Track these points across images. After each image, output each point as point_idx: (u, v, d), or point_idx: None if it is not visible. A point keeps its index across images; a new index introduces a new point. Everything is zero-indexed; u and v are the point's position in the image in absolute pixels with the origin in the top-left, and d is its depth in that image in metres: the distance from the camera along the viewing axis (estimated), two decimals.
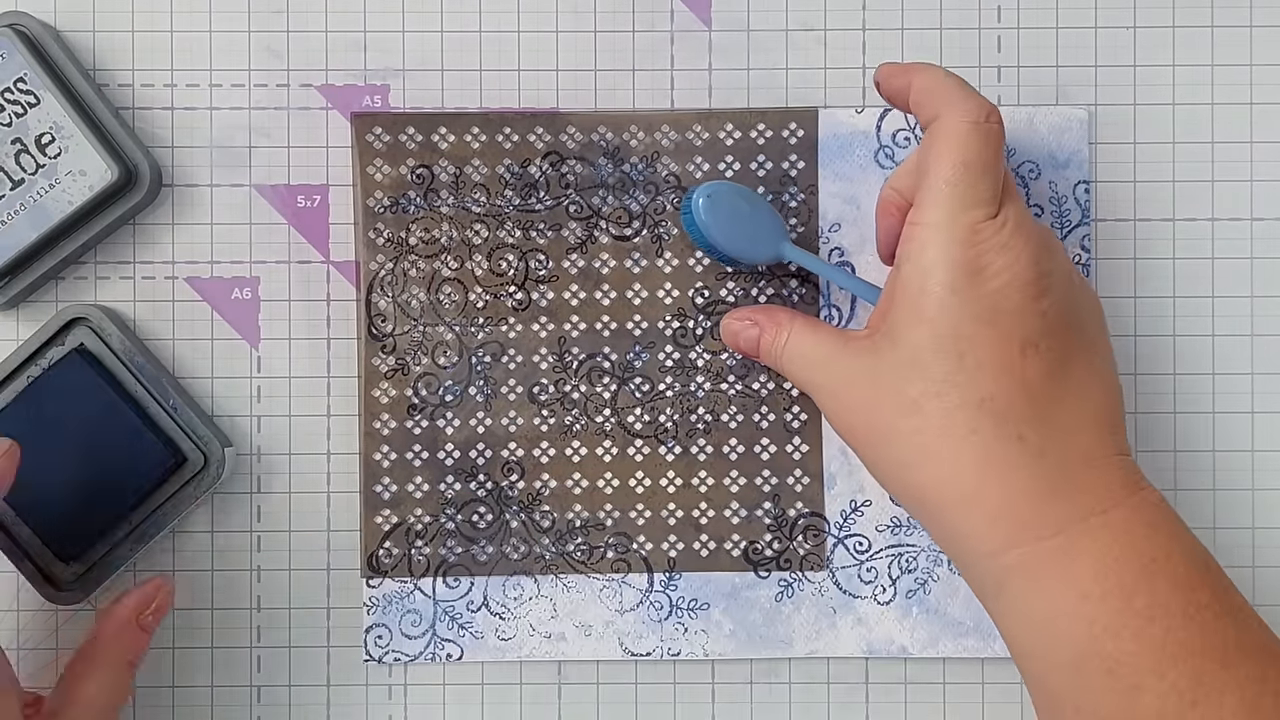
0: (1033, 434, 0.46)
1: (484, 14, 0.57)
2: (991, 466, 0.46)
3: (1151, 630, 0.44)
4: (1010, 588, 0.46)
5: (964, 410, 0.46)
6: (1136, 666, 0.44)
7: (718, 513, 0.56)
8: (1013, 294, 0.47)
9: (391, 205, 0.56)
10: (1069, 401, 0.47)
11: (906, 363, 0.47)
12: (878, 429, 0.48)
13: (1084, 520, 0.46)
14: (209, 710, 0.57)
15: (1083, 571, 0.45)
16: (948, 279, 0.47)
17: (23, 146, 0.54)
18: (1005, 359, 0.47)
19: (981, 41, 0.57)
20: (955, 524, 0.47)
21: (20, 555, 0.55)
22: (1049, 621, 0.46)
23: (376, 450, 0.56)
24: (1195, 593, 0.45)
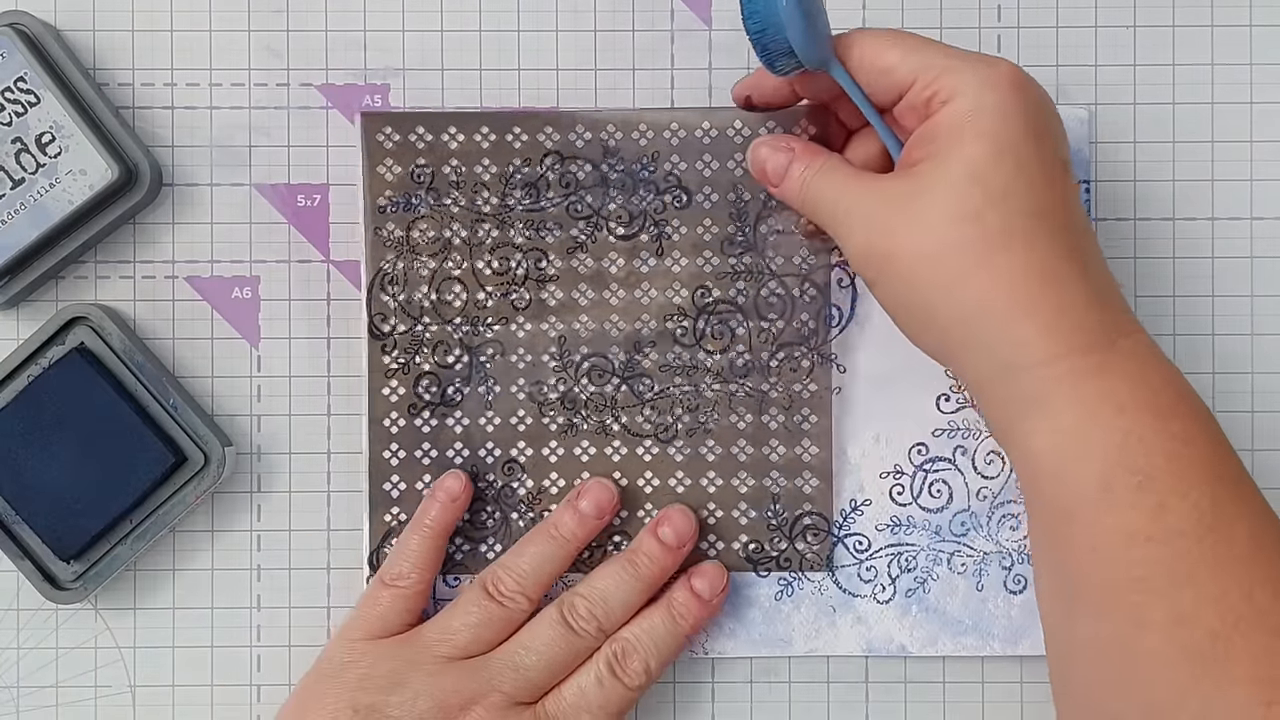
0: (1080, 251, 0.47)
1: (484, 14, 0.57)
2: (1049, 277, 0.46)
3: (1182, 450, 0.45)
4: (1051, 400, 0.46)
5: (1023, 218, 0.46)
6: (1164, 484, 0.44)
7: (725, 513, 0.56)
8: (1049, 117, 0.48)
9: (399, 204, 0.56)
10: (1089, 229, 0.48)
11: (962, 177, 0.47)
12: (924, 248, 0.47)
13: (1123, 338, 0.46)
14: (209, 710, 0.57)
15: (1120, 385, 0.45)
16: (999, 102, 0.47)
17: (23, 146, 0.54)
18: (1053, 175, 0.47)
19: (981, 41, 0.57)
20: (1009, 333, 0.46)
21: (20, 555, 0.55)
22: (1084, 433, 0.46)
23: (385, 448, 0.56)
24: (1211, 425, 0.46)
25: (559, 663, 0.53)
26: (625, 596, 0.54)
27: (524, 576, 0.54)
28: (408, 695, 0.52)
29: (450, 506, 0.55)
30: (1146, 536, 0.44)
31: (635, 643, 0.54)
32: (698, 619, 0.55)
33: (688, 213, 0.56)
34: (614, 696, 0.53)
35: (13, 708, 0.56)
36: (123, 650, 0.57)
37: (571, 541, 0.55)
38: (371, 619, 0.54)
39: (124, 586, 0.57)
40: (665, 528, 0.55)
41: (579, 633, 0.53)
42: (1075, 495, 0.46)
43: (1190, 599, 0.44)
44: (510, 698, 0.52)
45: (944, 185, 0.47)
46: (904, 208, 0.47)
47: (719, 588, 0.55)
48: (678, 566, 0.56)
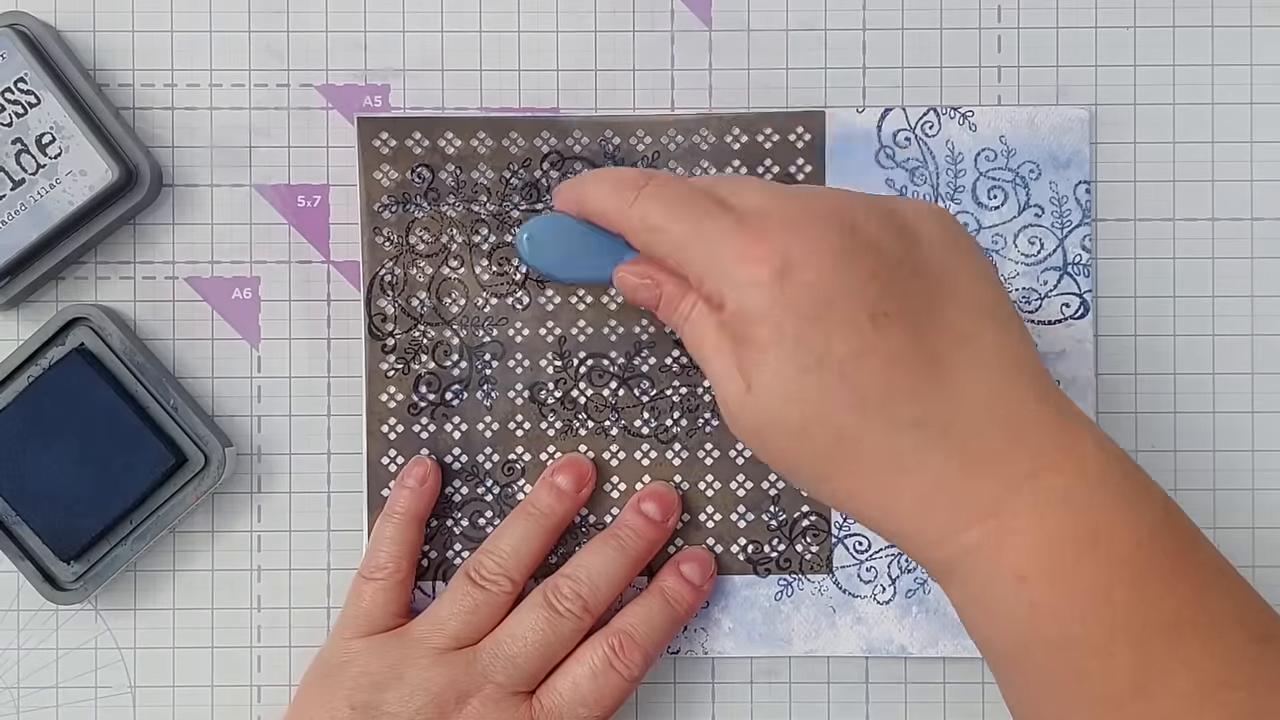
0: (928, 413, 0.42)
1: (484, 14, 0.57)
2: (897, 465, 0.43)
3: (1096, 612, 0.41)
4: (951, 579, 0.44)
5: (848, 416, 0.43)
6: (1079, 649, 0.42)
7: (724, 516, 0.56)
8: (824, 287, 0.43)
9: (396, 208, 0.56)
10: (957, 359, 0.43)
11: (775, 391, 0.44)
12: (783, 461, 0.45)
13: (1014, 493, 0.42)
14: (209, 710, 0.57)
15: (1018, 552, 0.42)
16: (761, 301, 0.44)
17: (23, 146, 0.54)
18: (861, 341, 0.43)
19: (981, 41, 0.57)
20: (884, 529, 0.44)
21: (20, 555, 0.55)
22: (988, 608, 0.43)
23: (383, 454, 0.56)
24: (1140, 561, 0.42)
25: (548, 648, 0.53)
26: (610, 572, 0.54)
27: (505, 558, 0.54)
28: (404, 691, 0.52)
29: (420, 491, 0.55)
30: (1073, 703, 0.42)
31: (634, 632, 0.53)
32: (690, 605, 0.55)
33: None
34: (610, 688, 0.53)
35: (13, 708, 0.56)
36: (123, 651, 0.57)
37: (550, 517, 0.55)
38: (359, 616, 0.54)
39: (124, 587, 0.57)
40: (648, 502, 0.55)
41: (564, 614, 0.53)
42: (995, 656, 0.44)
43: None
44: (505, 688, 0.52)
45: (761, 389, 0.44)
46: (753, 401, 0.44)
47: (708, 573, 0.55)
48: (664, 541, 0.56)
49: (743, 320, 0.44)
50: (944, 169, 0.56)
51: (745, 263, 0.44)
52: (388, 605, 0.54)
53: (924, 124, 0.56)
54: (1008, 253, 0.56)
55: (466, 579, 0.54)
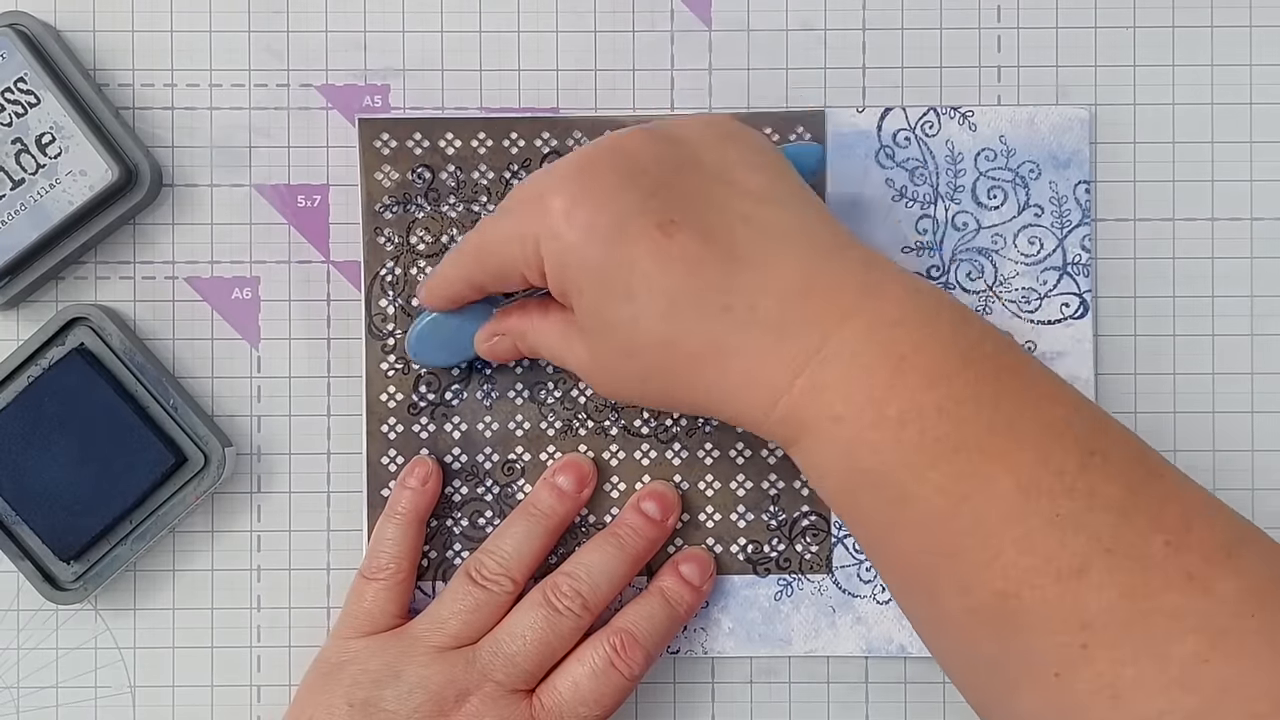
0: (734, 298, 0.45)
1: (484, 14, 0.57)
2: (719, 351, 0.45)
3: (905, 434, 0.43)
4: (790, 444, 0.46)
5: (664, 323, 0.45)
6: (898, 475, 0.43)
7: (724, 516, 0.56)
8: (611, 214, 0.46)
9: (396, 208, 0.56)
10: (750, 244, 0.46)
11: (603, 329, 0.47)
12: (634, 386, 0.48)
13: (823, 344, 0.44)
14: (209, 710, 0.57)
15: (834, 395, 0.44)
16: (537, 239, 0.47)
17: (23, 146, 0.54)
18: (656, 251, 0.45)
19: (981, 41, 0.57)
20: (730, 416, 0.47)
21: (20, 555, 0.55)
22: (819, 461, 0.45)
23: (383, 455, 0.56)
24: (951, 383, 0.43)
25: (548, 646, 0.53)
26: (610, 570, 0.54)
27: (506, 558, 0.54)
28: (403, 689, 0.52)
29: (421, 491, 0.55)
30: (903, 527, 0.44)
31: (635, 631, 0.53)
32: (690, 605, 0.55)
33: None
34: (610, 688, 0.53)
35: (13, 708, 0.57)
36: (123, 651, 0.57)
37: (551, 517, 0.55)
38: (359, 615, 0.54)
39: (124, 587, 0.57)
40: (648, 501, 0.55)
41: (563, 612, 0.53)
42: (837, 509, 0.46)
43: (965, 568, 0.43)
44: (504, 686, 0.52)
45: (585, 333, 0.48)
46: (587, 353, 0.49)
47: (707, 573, 0.56)
48: (664, 541, 0.56)
49: (561, 280, 0.47)
50: (944, 169, 0.56)
51: (543, 215, 0.47)
52: (388, 605, 0.54)
53: (924, 124, 0.56)
54: (1007, 252, 0.56)
55: (467, 578, 0.54)
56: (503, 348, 0.53)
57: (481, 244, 0.50)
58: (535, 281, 0.49)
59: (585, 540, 0.56)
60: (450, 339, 0.54)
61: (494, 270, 0.50)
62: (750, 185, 0.47)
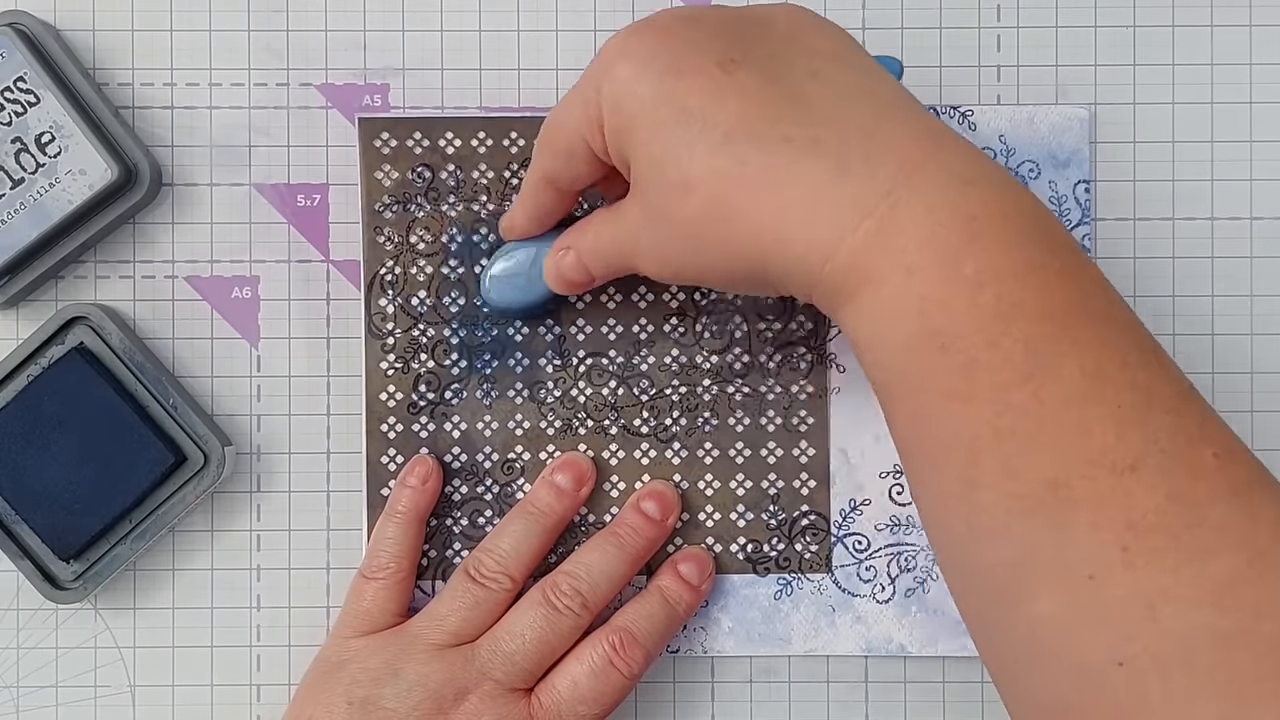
0: (795, 128, 0.43)
1: (484, 14, 0.57)
2: (777, 180, 0.43)
3: (982, 297, 0.41)
4: (847, 288, 0.43)
5: (720, 153, 0.44)
6: (969, 339, 0.41)
7: (724, 516, 0.56)
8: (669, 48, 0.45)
9: (396, 207, 0.56)
10: (812, 90, 0.44)
11: (657, 168, 0.45)
12: (691, 243, 0.46)
13: (890, 194, 0.42)
14: (209, 709, 0.57)
15: (906, 244, 0.42)
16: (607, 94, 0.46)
17: (23, 146, 0.54)
18: (713, 86, 0.44)
19: (981, 41, 0.57)
20: (788, 264, 0.44)
21: (20, 555, 0.55)
22: (880, 310, 0.43)
23: (383, 454, 0.56)
24: (1025, 250, 0.42)
25: (547, 645, 0.53)
26: (610, 570, 0.54)
27: (504, 556, 0.54)
28: (402, 687, 0.52)
29: (422, 490, 0.55)
30: (962, 397, 0.42)
31: (635, 630, 0.53)
32: (689, 604, 0.55)
33: None
34: (609, 686, 0.53)
35: (13, 708, 0.57)
36: (123, 650, 0.57)
37: (550, 516, 0.55)
38: (359, 615, 0.54)
39: (124, 586, 0.57)
40: (648, 501, 0.55)
41: (563, 611, 0.53)
42: (890, 372, 0.44)
43: (1016, 450, 0.41)
44: (503, 685, 0.52)
45: (655, 190, 0.46)
46: (653, 225, 0.47)
47: (706, 572, 0.56)
48: (664, 540, 0.56)
49: (617, 126, 0.46)
50: None
51: (602, 67, 0.46)
52: (388, 604, 0.54)
53: None
54: None
55: (466, 576, 0.54)
56: (569, 261, 0.52)
57: (549, 122, 0.49)
58: (597, 146, 0.47)
59: (585, 539, 0.56)
60: (522, 274, 0.54)
61: (562, 146, 0.49)
62: (819, 46, 0.46)
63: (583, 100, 0.47)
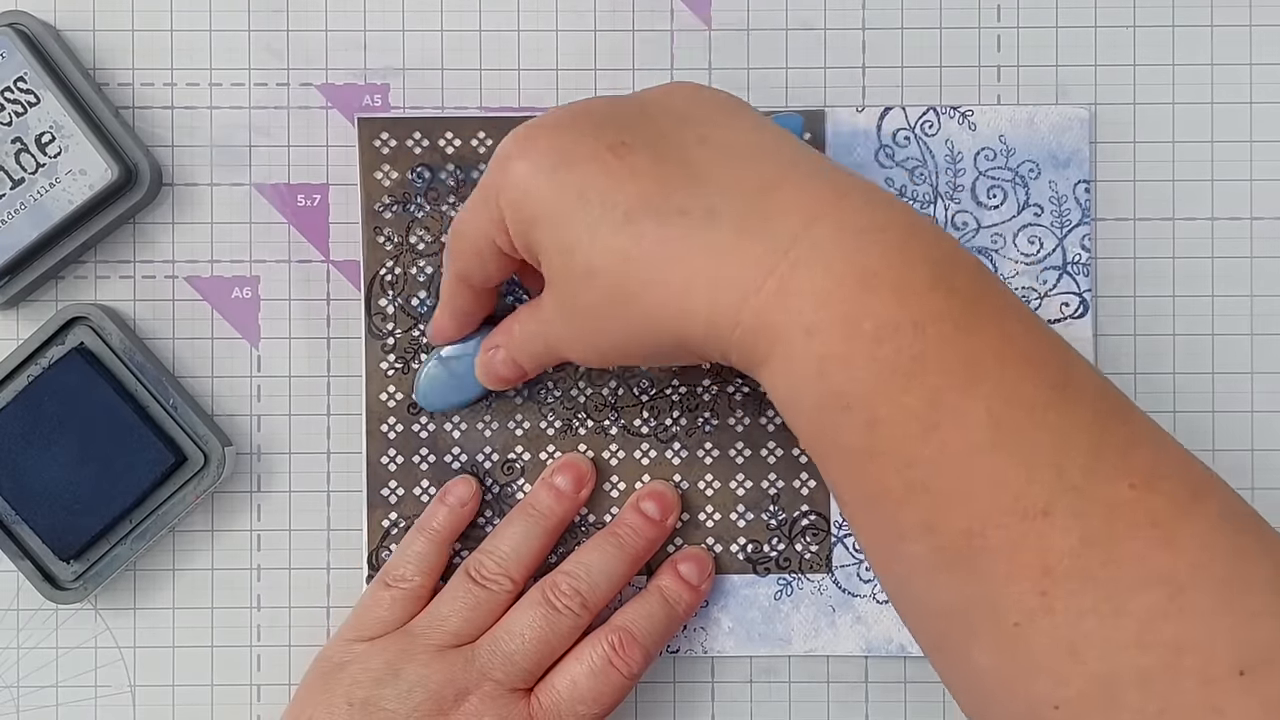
0: (690, 199, 0.43)
1: (484, 14, 0.57)
2: (679, 255, 0.43)
3: (881, 352, 0.41)
4: (757, 361, 0.43)
5: (620, 233, 0.44)
6: (871, 397, 0.41)
7: (724, 516, 0.56)
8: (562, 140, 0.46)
9: (396, 207, 0.56)
10: (705, 158, 0.44)
11: (563, 257, 0.45)
12: (605, 325, 0.46)
13: (789, 249, 0.42)
14: (209, 710, 0.57)
15: (804, 303, 0.41)
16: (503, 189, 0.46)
17: (23, 146, 0.54)
18: (607, 170, 0.44)
19: (981, 41, 0.57)
20: (700, 329, 0.44)
21: (20, 555, 0.55)
22: (790, 370, 0.42)
23: (383, 454, 0.56)
24: (926, 300, 0.41)
25: (547, 645, 0.52)
26: (609, 569, 0.54)
27: (505, 558, 0.54)
28: (403, 688, 0.52)
29: (459, 512, 0.55)
30: (870, 454, 0.41)
31: (634, 630, 0.53)
32: (689, 604, 0.55)
33: None
34: (609, 686, 0.53)
35: (13, 708, 0.57)
36: (123, 650, 0.57)
37: (550, 518, 0.55)
38: (369, 620, 0.54)
39: (124, 586, 0.57)
40: (648, 501, 0.55)
41: (562, 611, 0.53)
42: (805, 432, 0.44)
43: (930, 503, 0.41)
44: (503, 685, 0.52)
45: (562, 279, 0.46)
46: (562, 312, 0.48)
47: (705, 572, 0.56)
48: (663, 540, 0.56)
49: (520, 224, 0.46)
50: (943, 168, 0.56)
51: (499, 169, 0.46)
52: (399, 614, 0.54)
53: (923, 123, 0.56)
54: (1007, 252, 0.56)
55: (467, 577, 0.54)
56: (499, 360, 0.53)
57: (455, 227, 0.50)
58: (504, 245, 0.48)
59: (585, 539, 0.56)
60: (454, 377, 0.55)
61: (469, 248, 0.49)
62: (707, 115, 0.46)
63: (484, 203, 0.47)
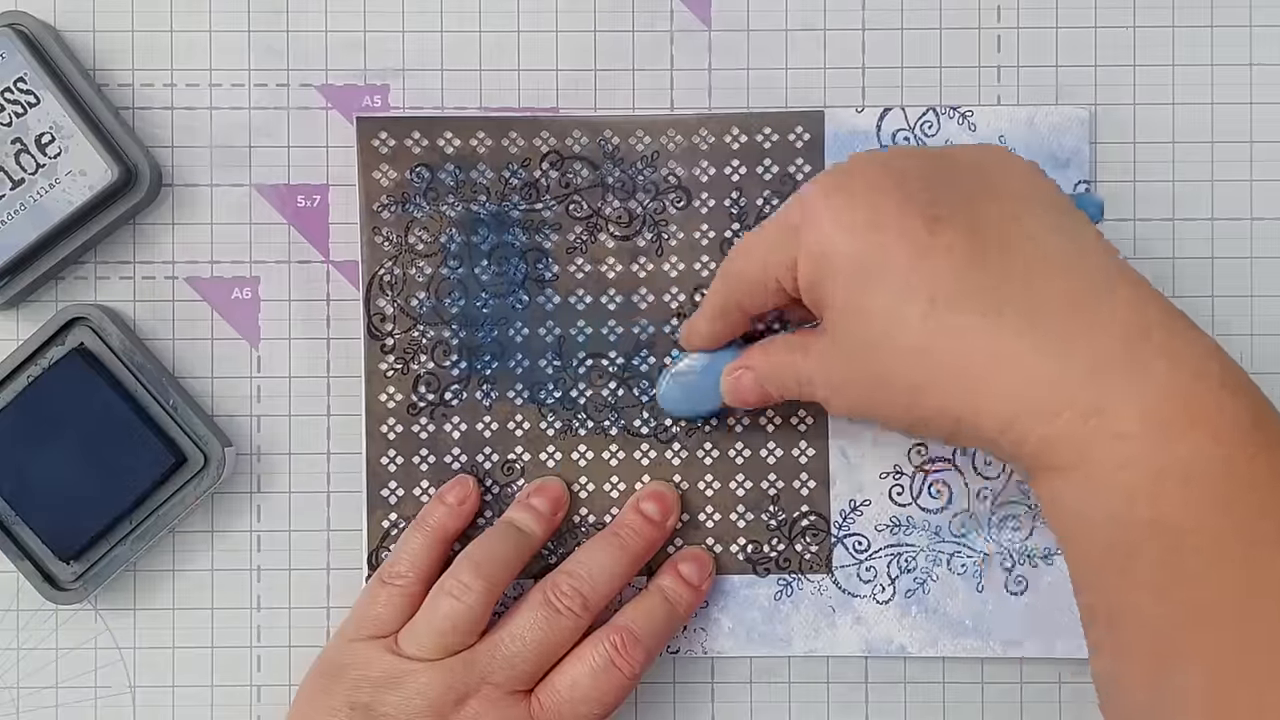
0: (1006, 305, 0.42)
1: (484, 14, 0.57)
2: (980, 358, 0.42)
3: (1192, 494, 0.40)
4: (1046, 474, 0.42)
5: (924, 321, 0.43)
6: (1193, 540, 0.40)
7: (724, 516, 0.56)
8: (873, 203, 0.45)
9: (395, 207, 0.56)
10: (1020, 252, 0.43)
11: (855, 322, 0.45)
12: (880, 395, 0.46)
13: (1098, 375, 0.41)
14: (209, 710, 0.57)
15: (1112, 440, 0.40)
16: (811, 239, 0.46)
17: (23, 146, 0.54)
18: (919, 247, 0.43)
19: (981, 41, 0.57)
20: (983, 434, 0.43)
21: (20, 555, 0.55)
22: (1085, 499, 0.41)
23: (382, 455, 0.56)
24: (1248, 438, 0.40)
25: (547, 646, 0.52)
26: (610, 568, 0.54)
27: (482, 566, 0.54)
28: (402, 694, 0.51)
29: (456, 511, 0.55)
30: (1173, 602, 0.40)
31: (635, 629, 0.53)
32: (689, 604, 0.55)
33: (686, 216, 0.56)
34: (610, 686, 0.53)
35: (13, 708, 0.57)
36: (123, 651, 0.57)
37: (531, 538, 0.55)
38: (369, 618, 0.54)
39: (124, 587, 0.57)
40: (648, 502, 0.55)
41: (563, 612, 0.53)
42: (1086, 547, 0.42)
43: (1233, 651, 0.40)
44: (502, 688, 0.52)
45: (835, 335, 0.46)
46: (832, 363, 0.47)
47: (706, 572, 0.56)
48: (663, 541, 0.56)
49: (814, 273, 0.46)
50: None
51: (800, 212, 0.46)
52: (397, 612, 0.54)
53: (923, 124, 0.56)
54: None
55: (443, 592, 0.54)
56: (746, 381, 0.52)
57: (740, 252, 0.49)
58: (788, 285, 0.47)
59: (585, 539, 0.56)
60: (696, 386, 0.54)
61: (752, 278, 0.48)
62: (1020, 192, 0.45)
63: (779, 240, 0.47)
